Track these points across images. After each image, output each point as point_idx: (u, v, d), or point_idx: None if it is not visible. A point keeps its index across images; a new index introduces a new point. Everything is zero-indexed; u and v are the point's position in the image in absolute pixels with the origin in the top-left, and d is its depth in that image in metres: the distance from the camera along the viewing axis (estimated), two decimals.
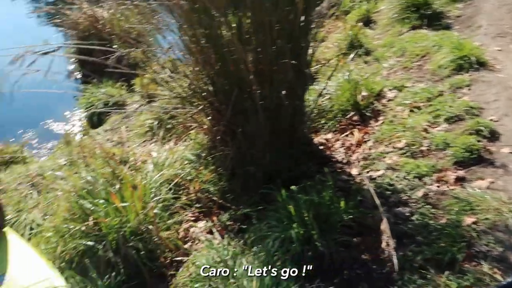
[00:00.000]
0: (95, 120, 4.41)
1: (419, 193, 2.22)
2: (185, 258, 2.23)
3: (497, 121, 2.59)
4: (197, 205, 2.60)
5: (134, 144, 3.42)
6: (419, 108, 2.87)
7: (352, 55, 3.80)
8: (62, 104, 5.00)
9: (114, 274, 2.10)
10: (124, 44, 4.44)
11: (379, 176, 2.44)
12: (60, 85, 5.00)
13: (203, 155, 2.74)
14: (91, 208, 2.23)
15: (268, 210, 2.21)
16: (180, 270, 2.19)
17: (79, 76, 5.45)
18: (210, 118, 2.54)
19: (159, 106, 3.43)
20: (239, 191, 2.41)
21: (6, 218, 2.49)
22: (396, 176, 2.36)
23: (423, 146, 2.53)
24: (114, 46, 4.49)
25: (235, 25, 2.02)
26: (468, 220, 1.96)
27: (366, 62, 3.72)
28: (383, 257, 1.92)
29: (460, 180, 2.24)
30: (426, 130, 2.64)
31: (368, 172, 2.50)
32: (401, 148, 2.58)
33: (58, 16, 5.27)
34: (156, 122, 3.62)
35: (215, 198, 2.53)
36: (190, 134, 3.09)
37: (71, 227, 2.25)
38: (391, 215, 2.10)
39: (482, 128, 2.49)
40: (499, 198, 2.04)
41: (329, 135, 2.97)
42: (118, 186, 2.30)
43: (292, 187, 2.19)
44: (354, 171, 2.54)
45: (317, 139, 2.93)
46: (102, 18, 5.04)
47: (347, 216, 2.06)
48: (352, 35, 3.98)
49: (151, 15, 2.64)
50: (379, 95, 3.12)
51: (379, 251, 1.95)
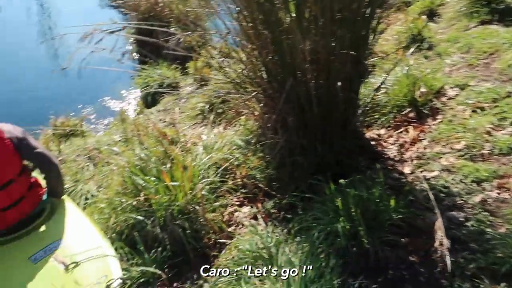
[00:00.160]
0: (149, 100, 4.55)
1: (477, 198, 2.10)
2: (228, 241, 2.27)
3: None
4: (242, 190, 2.62)
5: (185, 126, 3.50)
6: (482, 109, 2.70)
7: (412, 49, 3.63)
8: (119, 83, 5.21)
9: (160, 249, 2.19)
10: (182, 26, 4.54)
11: (433, 177, 2.33)
12: (118, 64, 5.21)
13: (252, 141, 2.75)
14: (143, 185, 2.32)
15: (314, 202, 2.19)
16: (223, 252, 2.23)
17: (136, 56, 5.64)
18: (262, 105, 2.54)
19: (212, 90, 3.48)
20: (287, 180, 2.40)
21: (65, 187, 2.65)
22: (452, 179, 2.25)
23: (484, 150, 2.39)
24: (171, 29, 4.61)
25: (295, 12, 1.99)
26: None
27: (427, 57, 3.54)
28: (435, 257, 1.84)
29: None
30: (489, 133, 2.48)
31: (421, 172, 2.40)
32: (459, 150, 2.45)
33: None
34: (207, 106, 3.68)
35: (261, 185, 2.54)
36: (240, 119, 3.12)
37: (123, 200, 2.36)
38: (444, 219, 2.00)
39: None
40: None
41: (382, 131, 2.88)
42: (169, 166, 2.38)
43: (341, 181, 2.16)
44: (407, 170, 2.44)
45: (369, 134, 2.84)
46: (162, 1, 5.16)
47: (396, 215, 2.00)
48: (413, 28, 3.80)
49: None
50: (439, 93, 2.97)
51: (430, 252, 1.87)
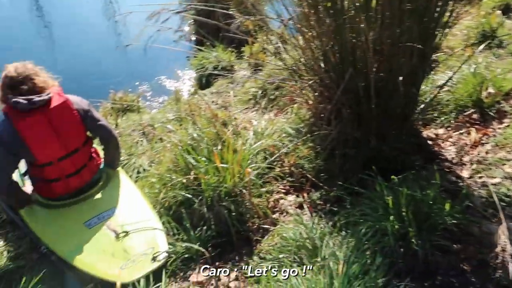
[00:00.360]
0: (203, 82, 4.62)
1: None
2: (271, 227, 2.28)
3: None
4: (289, 178, 2.62)
5: (236, 110, 3.53)
6: None
7: (482, 46, 3.40)
8: (176, 63, 5.33)
9: (205, 228, 2.24)
10: (242, 9, 4.54)
11: (493, 184, 2.19)
12: (176, 44, 5.33)
13: (303, 130, 2.72)
14: (194, 164, 2.37)
15: (363, 197, 2.14)
16: (266, 237, 2.24)
17: (193, 38, 5.73)
18: (317, 94, 2.50)
19: (266, 75, 3.47)
20: (336, 172, 2.36)
21: (120, 159, 2.77)
22: None
23: None
24: (230, 11, 4.63)
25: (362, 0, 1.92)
26: None
27: (497, 56, 3.30)
28: (492, 264, 1.74)
29: None
30: None
31: (481, 177, 2.27)
32: None
33: None
34: (260, 91, 3.68)
35: (308, 175, 2.52)
36: (292, 107, 3.09)
37: (174, 177, 2.43)
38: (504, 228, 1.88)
39: None
40: None
41: (440, 130, 2.74)
42: (220, 147, 2.41)
43: (393, 178, 2.08)
44: (465, 174, 2.31)
45: (426, 133, 2.72)
46: None
47: (450, 220, 1.90)
48: (485, 24, 3.55)
49: None
50: (509, 95, 2.77)
51: (485, 261, 1.77)
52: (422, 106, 2.59)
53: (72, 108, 2.27)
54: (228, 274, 2.09)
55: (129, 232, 2.23)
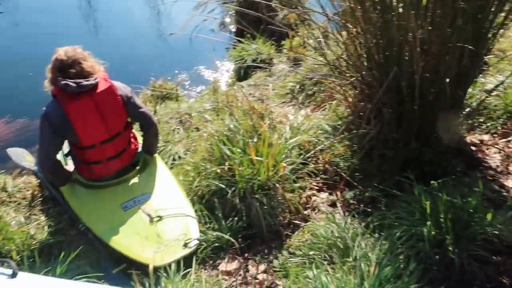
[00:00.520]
0: (242, 74, 4.63)
1: None
2: (302, 223, 2.27)
3: None
4: (323, 176, 2.59)
5: (273, 103, 3.51)
6: None
7: None
8: (215, 53, 5.37)
9: (236, 219, 2.26)
10: (284, 1, 4.50)
11: None
12: (216, 35, 5.37)
13: (341, 128, 2.68)
14: (229, 154, 2.39)
15: (399, 200, 2.09)
16: (296, 233, 2.24)
17: (234, 29, 5.75)
18: (357, 92, 2.45)
19: (305, 70, 3.43)
20: (373, 173, 2.31)
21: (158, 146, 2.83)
22: None
23: None
24: (273, 3, 4.61)
25: None
26: None
27: None
28: None
29: None
30: None
31: None
32: None
33: None
34: (298, 86, 3.64)
35: (343, 174, 2.48)
36: (331, 104, 3.05)
37: (208, 167, 2.45)
38: None
39: None
40: None
41: (485, 136, 2.63)
42: (255, 140, 2.41)
43: (432, 182, 2.02)
44: (510, 184, 2.21)
45: (470, 138, 2.61)
46: None
47: (491, 230, 1.83)
48: None
49: None
50: None
51: None
52: (468, 110, 2.48)
53: (117, 94, 2.33)
54: (257, 266, 2.11)
55: (162, 217, 2.29)
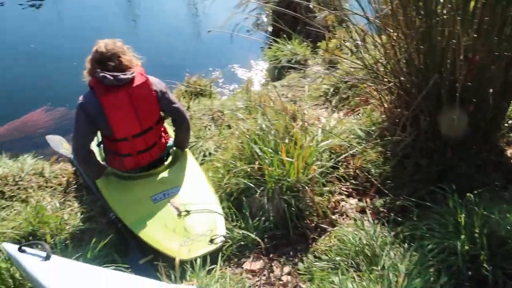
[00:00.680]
0: (275, 74, 4.62)
1: None
2: (329, 228, 2.24)
3: None
4: (353, 181, 2.55)
5: (306, 105, 3.49)
6: None
7: None
8: (250, 52, 5.38)
9: (263, 219, 2.26)
10: (322, 3, 4.47)
11: None
12: (251, 33, 5.38)
13: (374, 134, 2.63)
14: (259, 154, 2.39)
15: (432, 211, 2.03)
16: (323, 237, 2.21)
17: (270, 29, 5.74)
18: (394, 97, 2.39)
19: (341, 73, 3.38)
20: (406, 181, 2.25)
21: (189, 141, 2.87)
22: None
23: None
24: (310, 5, 4.57)
25: (460, 2, 1.79)
26: None
27: None
28: None
29: None
30: None
31: None
32: None
33: None
34: (332, 89, 3.60)
35: (374, 180, 2.44)
36: (365, 109, 2.99)
37: (238, 165, 2.46)
38: None
39: None
40: None
41: None
42: (287, 141, 2.40)
43: (468, 195, 1.95)
44: None
45: (510, 151, 2.50)
46: None
47: None
48: None
49: None
50: None
51: None
52: (511, 122, 2.38)
53: (152, 89, 2.38)
54: (281, 268, 2.10)
55: (190, 212, 2.31)
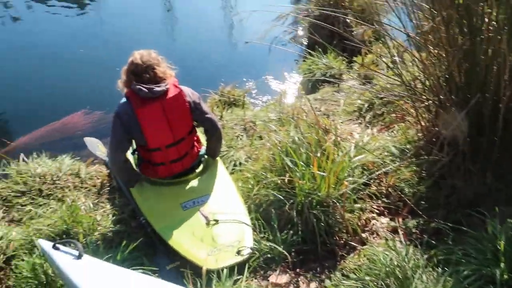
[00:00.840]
0: (309, 87, 4.60)
1: None
2: (359, 246, 2.19)
3: None
4: (385, 199, 2.49)
5: (339, 120, 3.45)
6: None
7: None
8: (284, 64, 5.39)
9: (291, 232, 2.23)
10: (361, 17, 4.43)
11: None
12: (286, 46, 5.40)
13: (409, 152, 2.56)
14: (290, 166, 2.37)
15: (468, 236, 1.94)
16: (351, 255, 2.17)
17: (305, 42, 5.74)
18: (432, 116, 2.33)
19: (377, 89, 3.33)
20: (441, 203, 2.18)
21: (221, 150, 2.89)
22: None
23: None
24: (348, 20, 4.55)
25: (507, 19, 1.72)
26: None
27: None
28: None
29: None
30: None
31: None
32: None
33: None
34: (366, 104, 3.55)
35: (407, 200, 2.37)
36: (400, 126, 2.93)
37: (268, 176, 2.46)
38: None
39: None
40: None
41: None
42: (319, 155, 2.37)
43: (509, 221, 1.86)
44: None
45: None
46: None
47: None
48: None
49: None
50: None
51: None
52: None
53: (185, 100, 2.42)
54: (308, 283, 2.06)
55: (219, 221, 2.32)
